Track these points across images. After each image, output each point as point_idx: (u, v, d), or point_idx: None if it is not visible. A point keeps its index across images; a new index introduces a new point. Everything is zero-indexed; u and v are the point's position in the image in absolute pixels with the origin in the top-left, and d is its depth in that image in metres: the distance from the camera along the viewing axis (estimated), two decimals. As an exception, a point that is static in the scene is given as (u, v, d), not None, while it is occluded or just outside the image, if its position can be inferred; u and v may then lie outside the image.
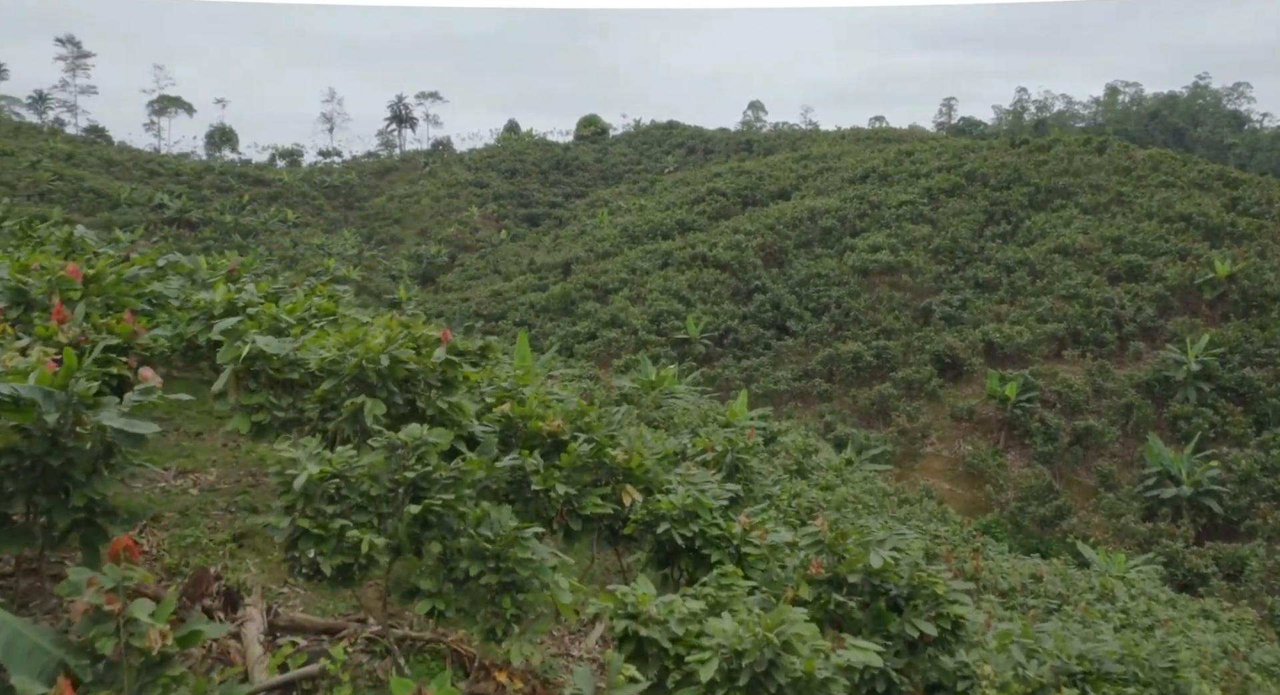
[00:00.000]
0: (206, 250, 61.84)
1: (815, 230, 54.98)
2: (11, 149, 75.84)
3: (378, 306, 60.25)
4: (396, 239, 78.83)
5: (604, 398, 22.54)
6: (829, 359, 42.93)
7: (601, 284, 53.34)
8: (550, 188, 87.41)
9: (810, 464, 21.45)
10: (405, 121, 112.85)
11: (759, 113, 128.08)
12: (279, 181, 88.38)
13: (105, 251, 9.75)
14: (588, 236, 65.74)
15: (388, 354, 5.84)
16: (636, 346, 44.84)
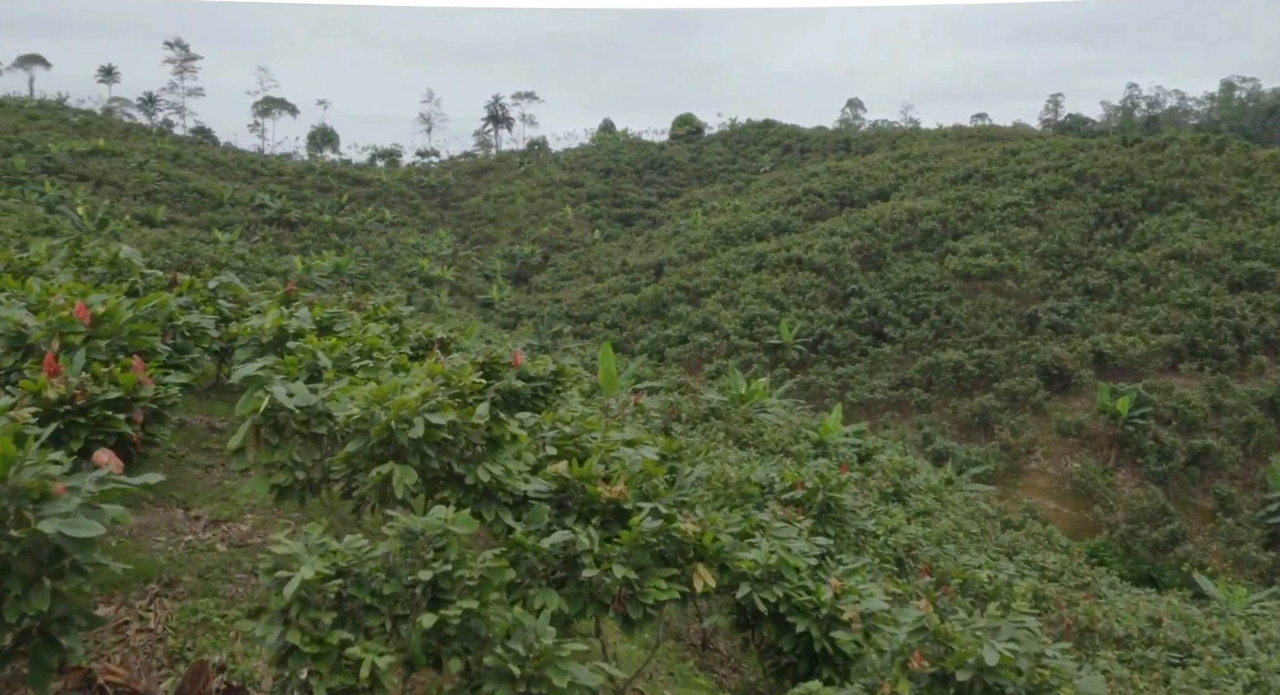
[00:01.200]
0: (305, 250, 62.66)
1: (915, 232, 53.24)
2: (121, 149, 77.79)
3: (471, 306, 60.27)
4: (491, 239, 78.92)
5: (691, 411, 21.66)
6: (928, 368, 41.35)
7: (694, 286, 52.44)
8: (644, 187, 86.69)
9: (908, 486, 20.28)
10: (501, 122, 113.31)
11: (857, 110, 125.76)
12: (377, 181, 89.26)
13: (153, 274, 9.16)
14: (681, 237, 64.88)
15: (422, 416, 5.03)
16: (728, 351, 43.88)
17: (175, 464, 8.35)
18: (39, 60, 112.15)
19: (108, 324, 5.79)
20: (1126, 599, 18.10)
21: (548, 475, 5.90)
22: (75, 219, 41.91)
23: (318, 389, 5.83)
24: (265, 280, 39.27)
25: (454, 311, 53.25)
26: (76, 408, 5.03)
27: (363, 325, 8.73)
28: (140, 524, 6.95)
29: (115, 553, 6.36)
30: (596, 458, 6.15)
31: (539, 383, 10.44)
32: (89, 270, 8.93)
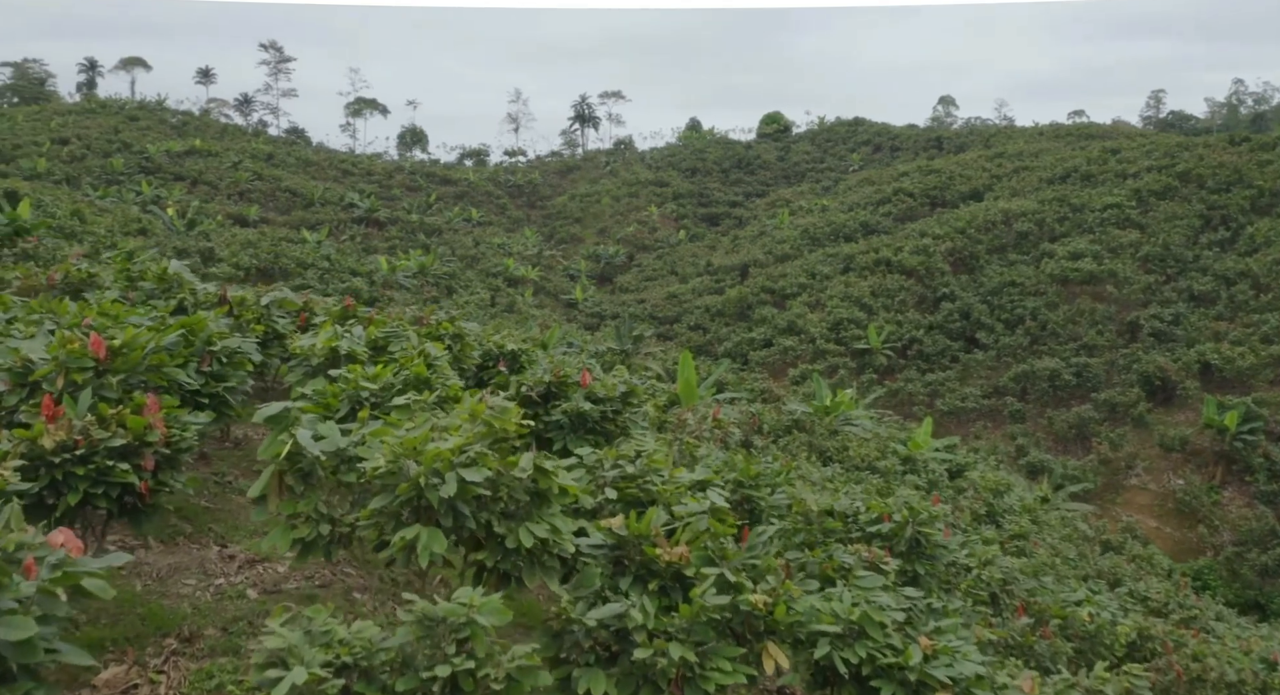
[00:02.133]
0: (392, 249, 63.12)
1: (1009, 234, 51.52)
2: (217, 150, 79.34)
3: (555, 307, 60.07)
4: (576, 238, 78.77)
5: (773, 423, 20.88)
6: (1022, 376, 39.83)
7: (779, 288, 51.48)
8: (730, 187, 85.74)
9: (1001, 506, 19.26)
10: (588, 121, 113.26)
11: (949, 108, 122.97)
12: (465, 181, 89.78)
13: (205, 289, 8.75)
14: (767, 238, 63.90)
15: (455, 472, 4.43)
16: (813, 356, 42.90)
17: (219, 492, 7.91)
18: (140, 63, 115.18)
19: (123, 357, 5.31)
20: (1236, 634, 16.89)
21: (602, 528, 5.26)
22: (165, 219, 42.55)
23: (352, 429, 5.28)
24: (350, 281, 39.38)
25: (537, 312, 53.07)
26: (76, 457, 4.54)
27: (420, 344, 8.19)
28: (171, 564, 6.49)
29: (138, 599, 5.90)
30: (657, 511, 5.50)
31: (608, 405, 9.85)
32: (138, 285, 8.56)
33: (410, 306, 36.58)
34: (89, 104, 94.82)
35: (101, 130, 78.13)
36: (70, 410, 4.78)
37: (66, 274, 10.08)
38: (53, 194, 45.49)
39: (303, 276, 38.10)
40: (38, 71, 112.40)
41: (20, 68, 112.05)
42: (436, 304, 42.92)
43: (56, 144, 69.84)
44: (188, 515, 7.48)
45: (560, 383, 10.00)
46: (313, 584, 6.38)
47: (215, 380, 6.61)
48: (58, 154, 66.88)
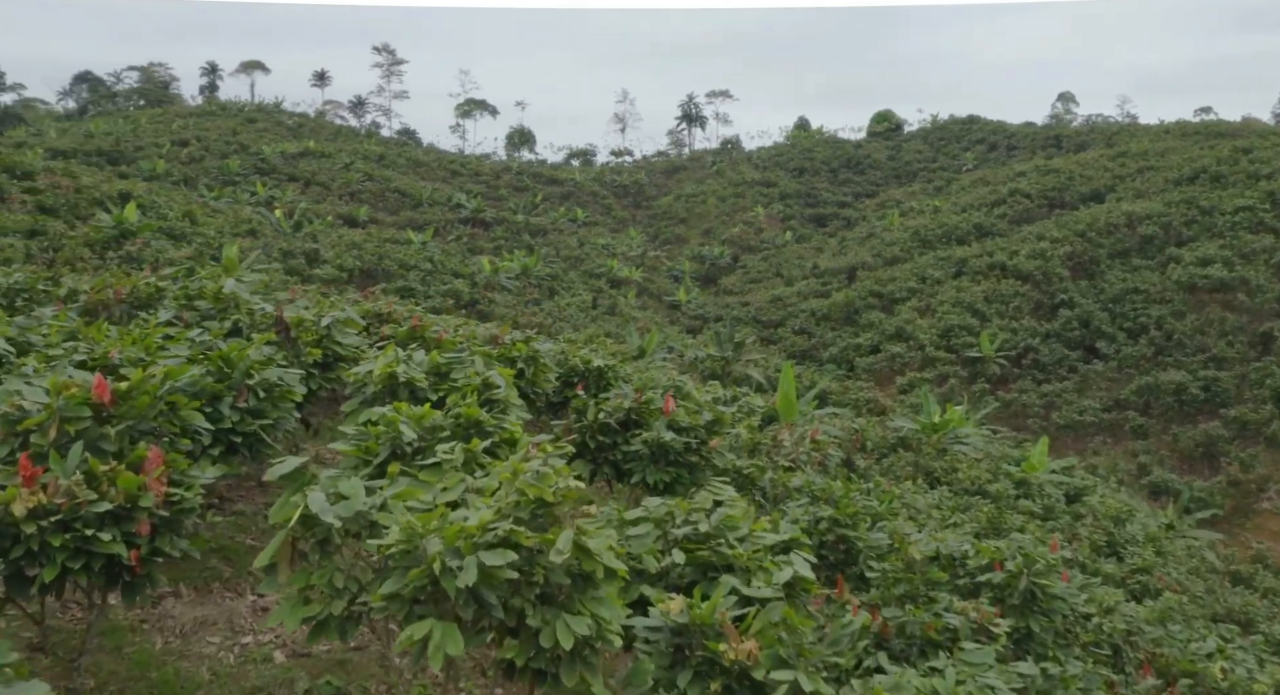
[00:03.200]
0: (497, 250, 63.28)
1: (1133, 238, 49.07)
2: (330, 151, 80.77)
3: (657, 308, 59.49)
4: (681, 239, 78.10)
5: (878, 440, 19.87)
6: (1145, 389, 37.75)
7: (888, 293, 49.99)
8: (839, 187, 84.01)
9: (1122, 536, 17.94)
10: (695, 120, 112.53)
11: (1069, 105, 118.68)
12: (571, 181, 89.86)
13: (262, 309, 8.27)
14: (876, 240, 62.27)
15: (476, 556, 3.74)
16: (922, 363, 41.45)
17: (264, 532, 7.39)
18: (259, 66, 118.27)
19: (129, 403, 4.78)
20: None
21: (662, 609, 4.53)
22: (273, 221, 43.12)
23: (381, 487, 4.65)
24: (452, 282, 39.34)
25: (639, 314, 52.55)
26: (54, 524, 4.00)
27: (484, 372, 7.56)
28: (199, 617, 5.97)
29: (155, 660, 5.37)
30: (726, 588, 4.74)
31: (692, 435, 9.10)
32: (195, 305, 8.12)
33: (505, 313, 36.48)
34: (209, 106, 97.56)
35: (220, 132, 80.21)
36: (57, 467, 4.25)
37: (134, 289, 9.74)
38: (167, 195, 46.52)
39: (405, 278, 38.19)
40: (163, 75, 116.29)
41: (146, 71, 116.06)
42: (538, 306, 42.68)
43: (176, 145, 71.80)
44: (229, 555, 6.97)
45: (641, 409, 9.31)
46: (345, 646, 5.78)
47: (253, 416, 6.06)
48: (177, 155, 68.70)
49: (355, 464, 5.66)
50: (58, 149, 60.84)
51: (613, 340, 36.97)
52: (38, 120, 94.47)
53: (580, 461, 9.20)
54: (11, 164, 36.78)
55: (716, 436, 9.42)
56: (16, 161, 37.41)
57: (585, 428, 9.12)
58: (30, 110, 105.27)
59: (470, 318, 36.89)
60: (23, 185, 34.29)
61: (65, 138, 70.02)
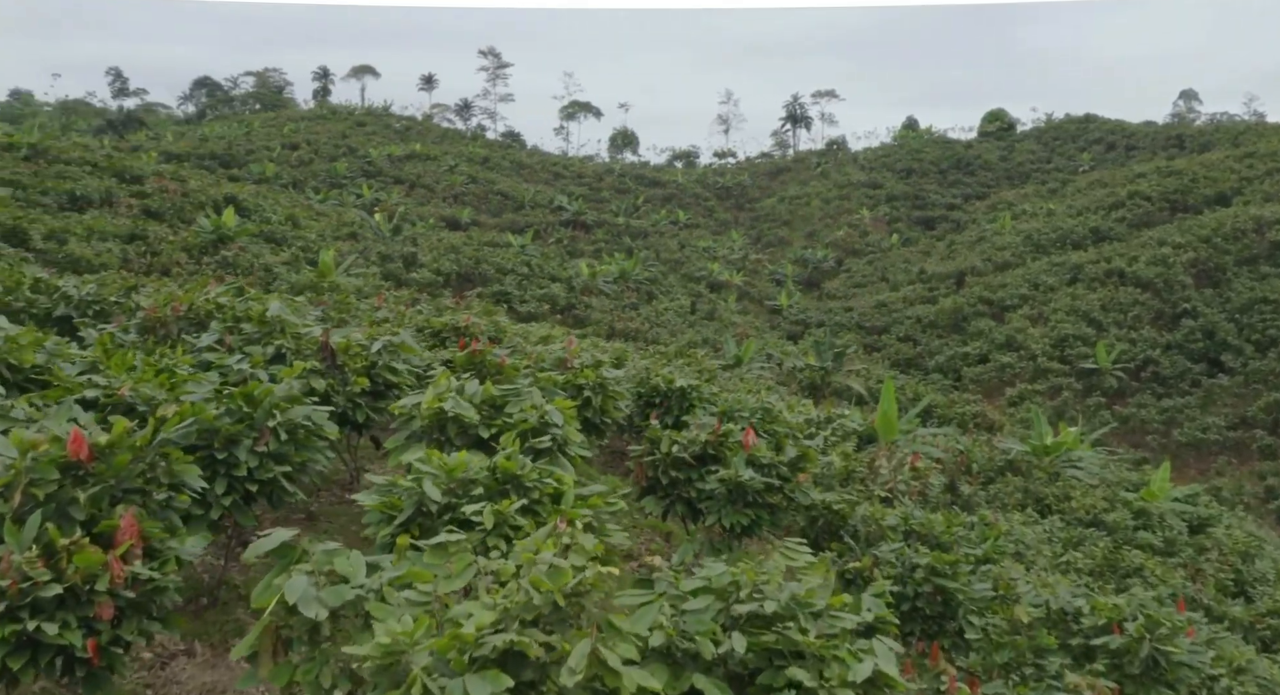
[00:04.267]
0: (597, 252, 62.97)
1: (1262, 244, 46.30)
2: (435, 154, 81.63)
3: (758, 313, 58.45)
4: (783, 241, 76.87)
5: (984, 461, 18.71)
6: (1275, 406, 35.44)
7: (998, 299, 48.14)
8: (948, 188, 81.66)
9: (1251, 573, 16.52)
10: (800, 121, 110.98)
11: (1192, 103, 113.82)
12: (674, 183, 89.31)
13: (309, 334, 7.72)
14: (986, 244, 60.20)
15: (463, 682, 3.04)
16: (1033, 375, 39.68)
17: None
18: (369, 70, 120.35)
19: (110, 459, 4.21)
20: None
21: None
22: (373, 224, 43.35)
23: (384, 564, 3.99)
24: (548, 286, 38.99)
25: (739, 318, 51.64)
26: (0, 612, 3.44)
27: (542, 407, 6.89)
28: (209, 684, 5.38)
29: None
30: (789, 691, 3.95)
31: (774, 473, 8.30)
32: (238, 329, 7.64)
33: (601, 318, 35.91)
34: (320, 110, 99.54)
35: (329, 135, 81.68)
36: (12, 540, 3.70)
37: (191, 306, 9.33)
38: (274, 198, 47.22)
39: (501, 283, 37.96)
40: (277, 80, 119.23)
41: (261, 76, 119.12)
42: (635, 310, 42.10)
43: (286, 149, 73.27)
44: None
45: (720, 441, 8.54)
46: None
47: (275, 461, 5.48)
48: (287, 159, 70.06)
49: (379, 520, 5.03)
50: (172, 152, 62.49)
51: (708, 348, 36.19)
52: (158, 124, 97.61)
53: (651, 498, 8.51)
54: (122, 168, 37.59)
55: (803, 472, 8.60)
56: (127, 165, 38.24)
57: (657, 462, 8.40)
58: (152, 114, 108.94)
59: (565, 323, 36.50)
60: (131, 189, 34.95)
61: (180, 141, 71.93)
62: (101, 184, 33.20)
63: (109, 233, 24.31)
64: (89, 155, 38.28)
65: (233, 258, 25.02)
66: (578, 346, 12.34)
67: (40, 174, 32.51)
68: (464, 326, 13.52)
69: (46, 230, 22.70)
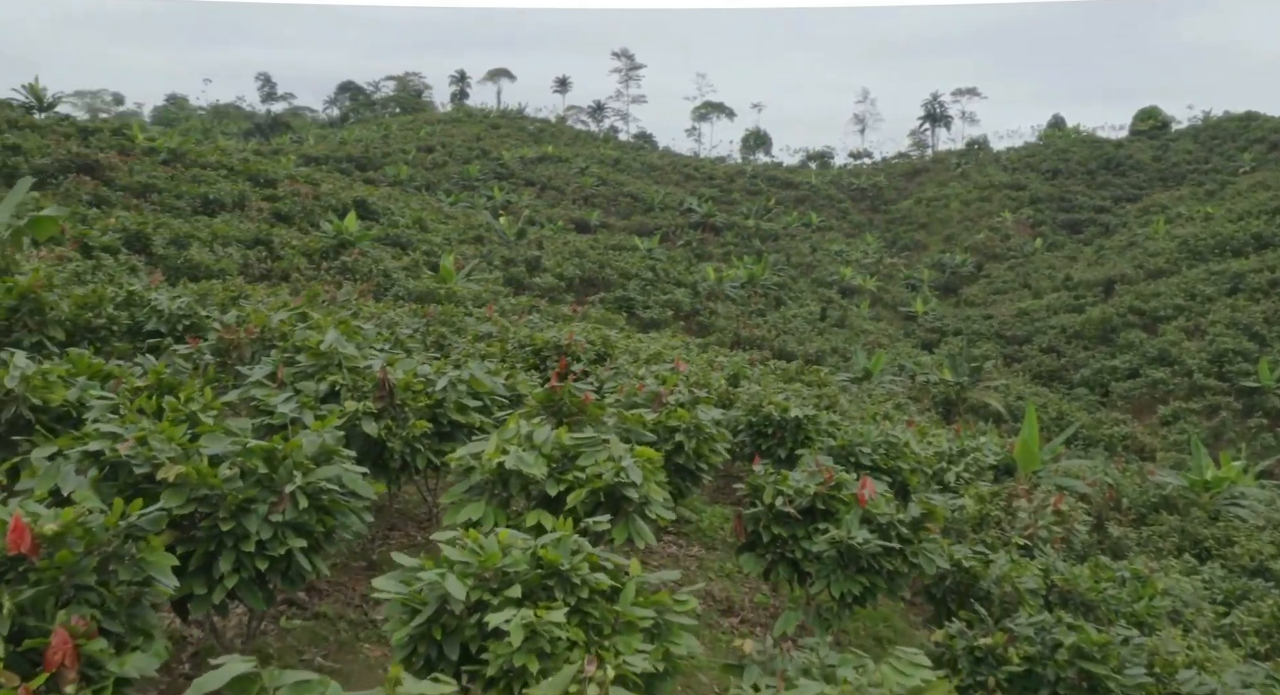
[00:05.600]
0: (726, 255, 61.93)
1: None
2: (567, 156, 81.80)
3: (892, 319, 56.51)
4: (920, 245, 74.49)
5: (1135, 496, 17.04)
6: None
7: (1150, 309, 45.27)
8: (1096, 190, 77.83)
9: None
10: (939, 120, 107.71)
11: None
12: (806, 184, 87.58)
13: (369, 367, 6.96)
14: (1137, 250, 56.97)
15: None
16: (1189, 392, 37.01)
17: (344, 647, 6.07)
18: (505, 73, 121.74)
19: (60, 550, 3.45)
20: None
21: None
22: (498, 228, 43.21)
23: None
24: (673, 292, 38.15)
25: (871, 326, 49.91)
26: None
27: (619, 459, 5.97)
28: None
29: None
30: None
31: (893, 532, 7.20)
32: (295, 361, 6.94)
33: (726, 325, 34.76)
34: (456, 113, 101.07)
35: (464, 138, 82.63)
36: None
37: (264, 328, 8.72)
38: (405, 201, 47.61)
39: (624, 288, 37.27)
40: (416, 83, 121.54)
41: (401, 80, 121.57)
42: (762, 317, 40.91)
43: (422, 151, 74.30)
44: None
45: (830, 495, 7.48)
46: None
47: (295, 531, 4.70)
48: (421, 161, 70.99)
49: (400, 615, 4.19)
50: (311, 155, 63.85)
51: (837, 357, 34.80)
52: (303, 127, 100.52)
53: (750, 555, 7.51)
54: (257, 172, 38.21)
55: (925, 532, 7.48)
56: (261, 169, 38.86)
57: (759, 515, 7.40)
58: (297, 118, 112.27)
59: (689, 330, 35.60)
60: (264, 192, 35.44)
61: (320, 144, 73.58)
62: (235, 188, 33.70)
63: (233, 237, 24.39)
64: (225, 159, 39.03)
65: (352, 263, 24.86)
66: (681, 374, 11.40)
67: (177, 178, 33.15)
68: (566, 344, 12.72)
69: (171, 235, 22.86)
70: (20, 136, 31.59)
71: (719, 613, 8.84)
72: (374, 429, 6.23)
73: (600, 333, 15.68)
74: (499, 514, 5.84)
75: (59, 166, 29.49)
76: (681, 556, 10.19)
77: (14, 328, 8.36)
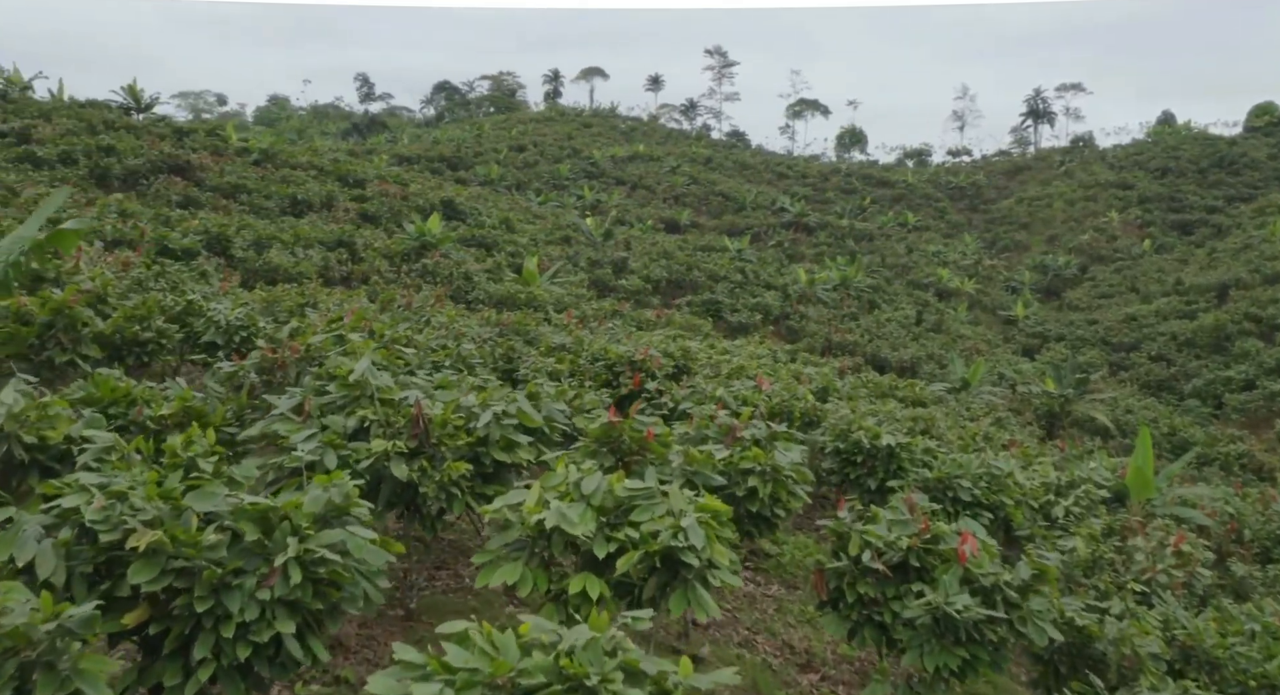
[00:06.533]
0: (819, 256, 60.58)
1: None
2: (658, 155, 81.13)
3: (990, 323, 54.60)
4: (1021, 246, 72.09)
5: (1257, 529, 15.64)
6: None
7: (1268, 317, 42.82)
8: (1209, 189, 74.43)
9: None
10: (1042, 116, 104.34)
11: None
12: (903, 183, 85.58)
13: (406, 399, 6.23)
14: (1253, 252, 54.13)
15: None
16: (1312, 405, 34.80)
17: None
18: (599, 72, 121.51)
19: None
20: None
21: None
22: (585, 229, 42.64)
23: None
24: (762, 295, 37.15)
25: (969, 331, 48.20)
26: None
27: (678, 512, 5.18)
28: None
29: None
30: None
31: (999, 601, 6.26)
32: (324, 391, 6.27)
33: (816, 330, 33.52)
34: (549, 112, 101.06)
35: (556, 137, 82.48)
36: None
37: (308, 347, 8.11)
38: (493, 201, 47.36)
39: (712, 290, 36.38)
40: (511, 83, 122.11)
41: (496, 80, 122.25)
42: (854, 321, 39.65)
43: (514, 151, 74.29)
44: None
45: (927, 549, 6.56)
46: None
47: (289, 612, 3.99)
48: (513, 160, 70.93)
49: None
50: (404, 155, 64.18)
51: (929, 369, 33.45)
52: (399, 127, 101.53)
53: (833, 615, 6.62)
54: (346, 172, 38.22)
55: (1035, 593, 6.52)
56: (351, 169, 38.87)
57: (844, 570, 6.52)
58: (394, 118, 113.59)
59: (778, 334, 34.58)
60: (352, 193, 35.38)
61: (414, 144, 74.03)
62: (324, 188, 33.68)
63: (314, 239, 24.14)
64: (316, 160, 39.14)
65: (433, 266, 24.42)
66: (764, 392, 10.54)
67: (267, 178, 33.24)
68: (641, 360, 11.95)
69: (254, 237, 22.67)
70: (115, 137, 31.96)
71: (797, 668, 7.97)
72: (404, 472, 5.52)
73: (680, 344, 14.88)
74: (539, 576, 5.09)
75: (150, 167, 29.70)
76: (758, 597, 9.33)
77: (46, 345, 7.86)
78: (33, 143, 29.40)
